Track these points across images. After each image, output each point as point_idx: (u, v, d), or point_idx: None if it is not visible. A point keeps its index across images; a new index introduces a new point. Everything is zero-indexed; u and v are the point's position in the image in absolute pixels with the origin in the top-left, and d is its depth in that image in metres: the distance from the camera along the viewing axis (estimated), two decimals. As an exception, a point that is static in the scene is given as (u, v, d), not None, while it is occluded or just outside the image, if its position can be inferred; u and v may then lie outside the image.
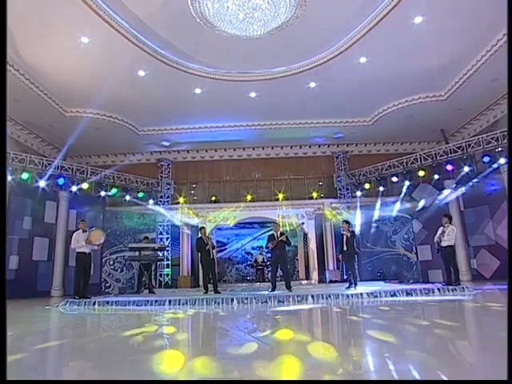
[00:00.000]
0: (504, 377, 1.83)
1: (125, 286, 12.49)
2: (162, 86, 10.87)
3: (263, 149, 14.90)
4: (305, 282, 12.68)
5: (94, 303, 7.93)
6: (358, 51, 9.66)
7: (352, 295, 7.77)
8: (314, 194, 14.05)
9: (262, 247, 14.24)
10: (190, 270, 13.41)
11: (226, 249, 15.80)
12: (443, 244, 8.39)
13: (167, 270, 13.27)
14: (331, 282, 12.55)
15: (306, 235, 13.44)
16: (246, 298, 7.65)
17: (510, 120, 9.08)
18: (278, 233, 9.46)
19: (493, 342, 2.98)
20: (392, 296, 7.66)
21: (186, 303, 7.65)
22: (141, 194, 12.97)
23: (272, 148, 14.88)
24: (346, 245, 9.43)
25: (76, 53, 9.23)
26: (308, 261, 13.13)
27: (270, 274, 9.78)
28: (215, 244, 9.80)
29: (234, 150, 14.90)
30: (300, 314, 6.09)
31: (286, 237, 9.38)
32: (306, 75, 10.63)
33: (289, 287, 9.21)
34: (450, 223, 8.52)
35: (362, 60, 10.01)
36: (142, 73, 10.27)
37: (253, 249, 15.65)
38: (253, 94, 11.52)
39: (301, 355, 2.69)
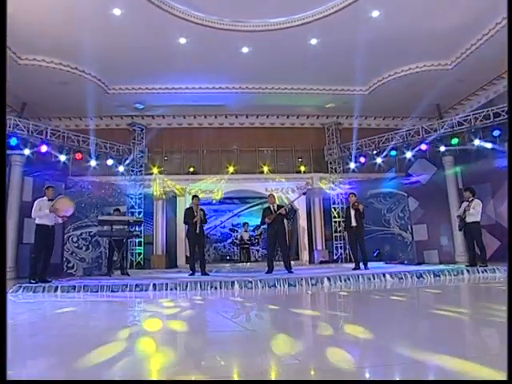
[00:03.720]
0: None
1: (91, 266, 10.53)
2: (141, 31, 8.84)
3: (247, 117, 13.18)
4: (292, 262, 11.26)
5: (56, 288, 6.09)
6: (373, 2, 8.16)
7: (374, 276, 6.48)
8: (302, 168, 12.59)
9: (246, 223, 12.67)
10: (165, 249, 11.61)
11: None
12: (468, 220, 7.25)
13: (139, 249, 11.39)
14: (322, 262, 11.27)
15: (294, 212, 12.00)
16: (250, 282, 6.17)
17: (510, 107, 7.98)
18: (275, 205, 7.96)
19: None
20: (418, 278, 6.46)
21: (175, 288, 6.05)
22: (110, 161, 10.92)
23: (257, 117, 13.19)
24: (356, 220, 8.07)
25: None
26: (298, 239, 11.72)
27: (267, 252, 8.27)
28: (205, 217, 8.11)
29: (216, 117, 13.06)
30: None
31: (285, 209, 7.91)
32: (308, 29, 9.01)
33: (289, 268, 7.80)
34: (474, 197, 7.35)
35: (375, 14, 8.53)
36: (117, 11, 8.21)
37: (233, 226, 14.03)
38: (245, 50, 9.74)
39: None
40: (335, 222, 12.18)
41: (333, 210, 12.24)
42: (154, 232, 11.51)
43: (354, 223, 8.16)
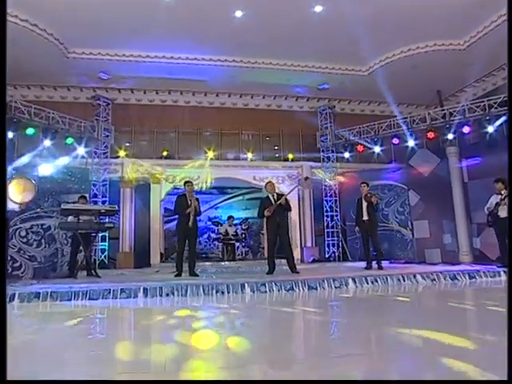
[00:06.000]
0: None
1: (43, 266, 9.16)
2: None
3: (229, 96, 12.29)
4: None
5: (13, 297, 4.96)
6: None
7: (404, 278, 5.96)
8: (290, 155, 11.93)
9: (231, 217, 11.77)
10: (133, 245, 10.50)
11: (176, 219, 12.96)
12: (502, 214, 6.89)
13: (103, 245, 10.21)
14: (314, 261, 10.68)
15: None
16: (263, 285, 5.42)
17: (510, 104, 7.84)
18: (275, 195, 7.23)
19: None
20: (452, 279, 6.03)
21: (172, 293, 5.15)
22: (69, 140, 9.64)
23: (240, 96, 12.34)
24: (368, 213, 7.54)
25: None
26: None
27: (267, 250, 7.52)
28: (200, 208, 7.24)
29: (193, 94, 12.06)
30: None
31: (286, 199, 7.21)
32: (315, -8, 8.31)
33: (293, 267, 7.10)
34: (507, 189, 7.01)
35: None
36: (88, -50, 7.05)
37: (209, 220, 13.10)
38: (239, 14, 8.88)
39: None
40: (327, 216, 11.65)
41: (325, 202, 11.70)
42: (121, 225, 10.36)
43: (365, 217, 7.65)
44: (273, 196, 7.27)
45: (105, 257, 10.23)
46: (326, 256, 11.39)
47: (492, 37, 9.09)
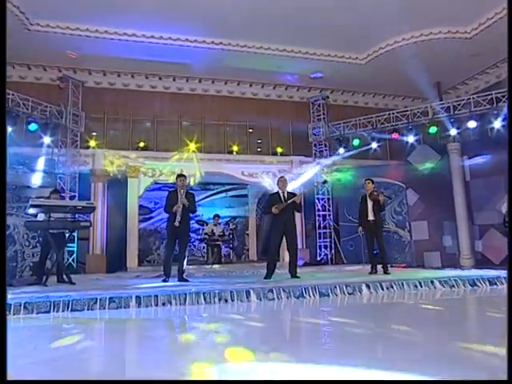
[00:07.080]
0: None
1: None
2: None
3: (213, 82, 11.94)
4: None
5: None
6: None
7: (421, 284, 5.88)
8: (279, 149, 11.73)
9: (217, 216, 11.43)
10: (105, 247, 10.02)
11: (152, 217, 12.57)
12: (525, 215, 6.90)
13: (71, 246, 9.66)
14: (306, 264, 10.52)
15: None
16: (271, 291, 5.19)
17: (510, 101, 7.97)
18: (285, 191, 7.02)
19: None
20: (472, 286, 5.99)
21: (169, 302, 4.86)
22: (33, 127, 9.05)
23: (225, 83, 12.01)
24: (374, 213, 7.44)
25: None
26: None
27: (269, 251, 7.28)
28: (194, 204, 6.94)
29: (174, 79, 11.64)
30: None
31: (300, 198, 7.04)
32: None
33: (294, 273, 6.92)
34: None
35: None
36: None
37: (191, 218, 12.72)
38: (230, -10, 8.56)
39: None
40: (319, 215, 11.52)
41: (316, 200, 11.57)
42: (92, 223, 9.80)
43: (371, 217, 7.53)
44: (283, 193, 7.06)
45: (73, 260, 9.70)
46: (318, 259, 11.26)
47: (501, 25, 9.12)
